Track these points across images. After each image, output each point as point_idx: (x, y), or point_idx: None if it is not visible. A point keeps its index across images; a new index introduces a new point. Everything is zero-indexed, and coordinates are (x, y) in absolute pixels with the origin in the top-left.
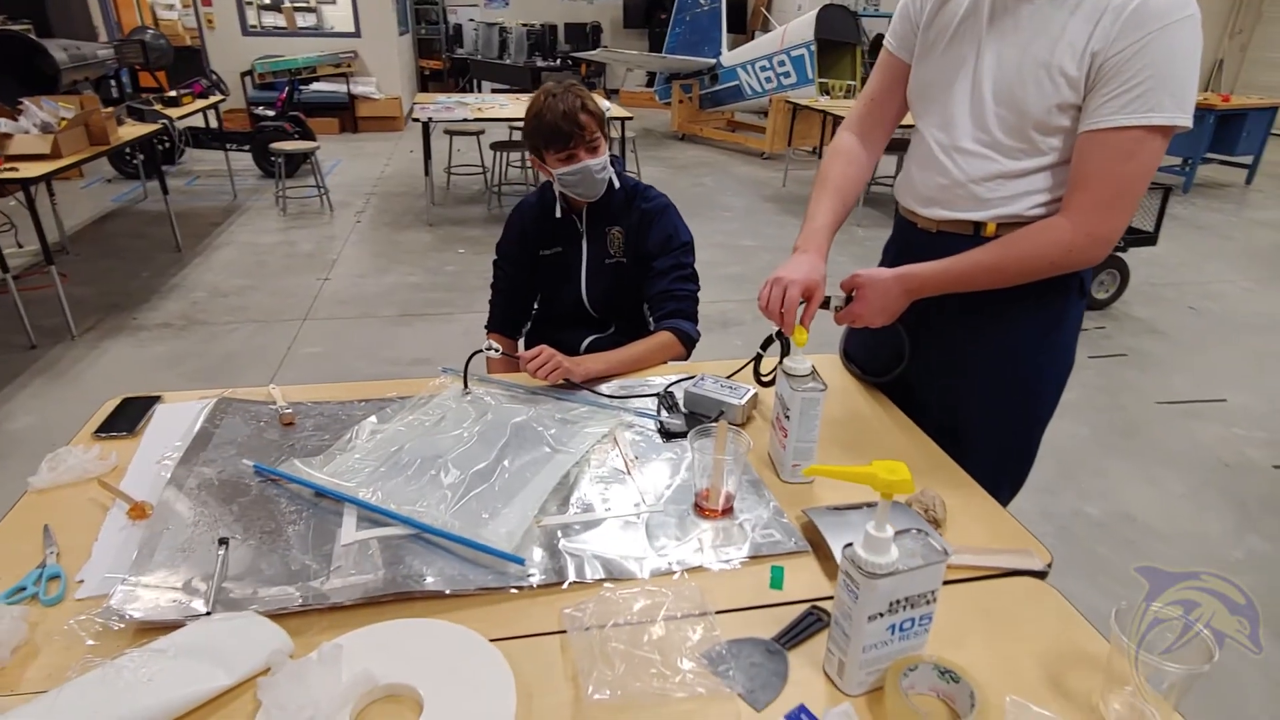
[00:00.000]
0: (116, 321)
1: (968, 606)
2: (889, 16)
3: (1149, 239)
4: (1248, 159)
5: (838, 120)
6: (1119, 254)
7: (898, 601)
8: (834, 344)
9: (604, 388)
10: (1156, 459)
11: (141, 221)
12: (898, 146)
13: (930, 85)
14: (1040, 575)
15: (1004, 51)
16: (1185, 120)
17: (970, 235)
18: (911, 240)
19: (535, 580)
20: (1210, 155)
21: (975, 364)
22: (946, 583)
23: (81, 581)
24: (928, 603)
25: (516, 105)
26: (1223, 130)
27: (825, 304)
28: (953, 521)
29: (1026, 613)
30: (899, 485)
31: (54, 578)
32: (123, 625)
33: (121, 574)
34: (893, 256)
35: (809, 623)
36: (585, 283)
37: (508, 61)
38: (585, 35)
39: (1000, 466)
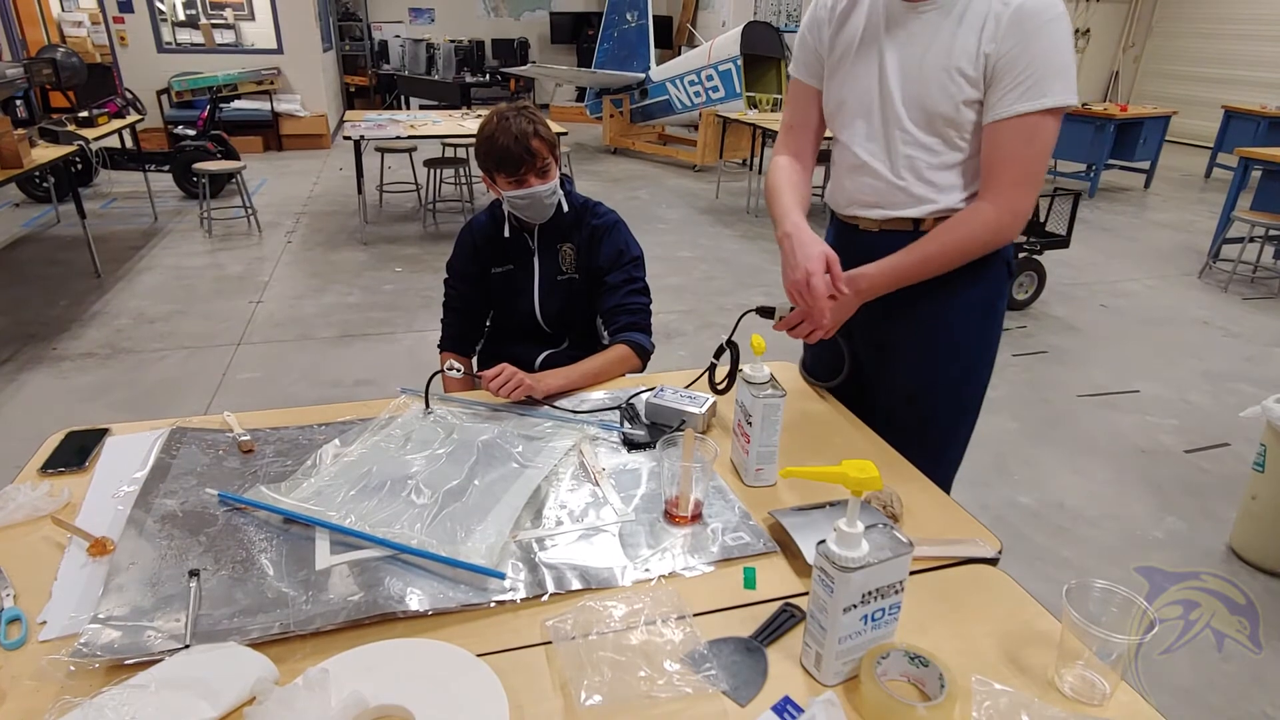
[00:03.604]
0: (35, 352)
1: (929, 595)
2: None
3: (1062, 242)
4: (1145, 164)
5: (767, 133)
6: (1036, 256)
7: (869, 593)
8: (788, 352)
9: (565, 402)
10: (1081, 448)
11: (56, 247)
12: (821, 158)
13: (846, 102)
14: (992, 562)
15: (905, 62)
16: (1072, 98)
17: (910, 231)
18: (855, 242)
19: (517, 594)
20: (1112, 161)
21: (930, 340)
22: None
23: (44, 623)
24: (896, 592)
25: (450, 122)
26: (1122, 138)
27: (769, 314)
28: (908, 515)
29: (982, 597)
30: (868, 483)
31: (14, 620)
32: (97, 664)
33: (88, 612)
34: (846, 259)
35: (784, 619)
36: (538, 299)
37: (436, 77)
38: (513, 51)
39: (957, 432)
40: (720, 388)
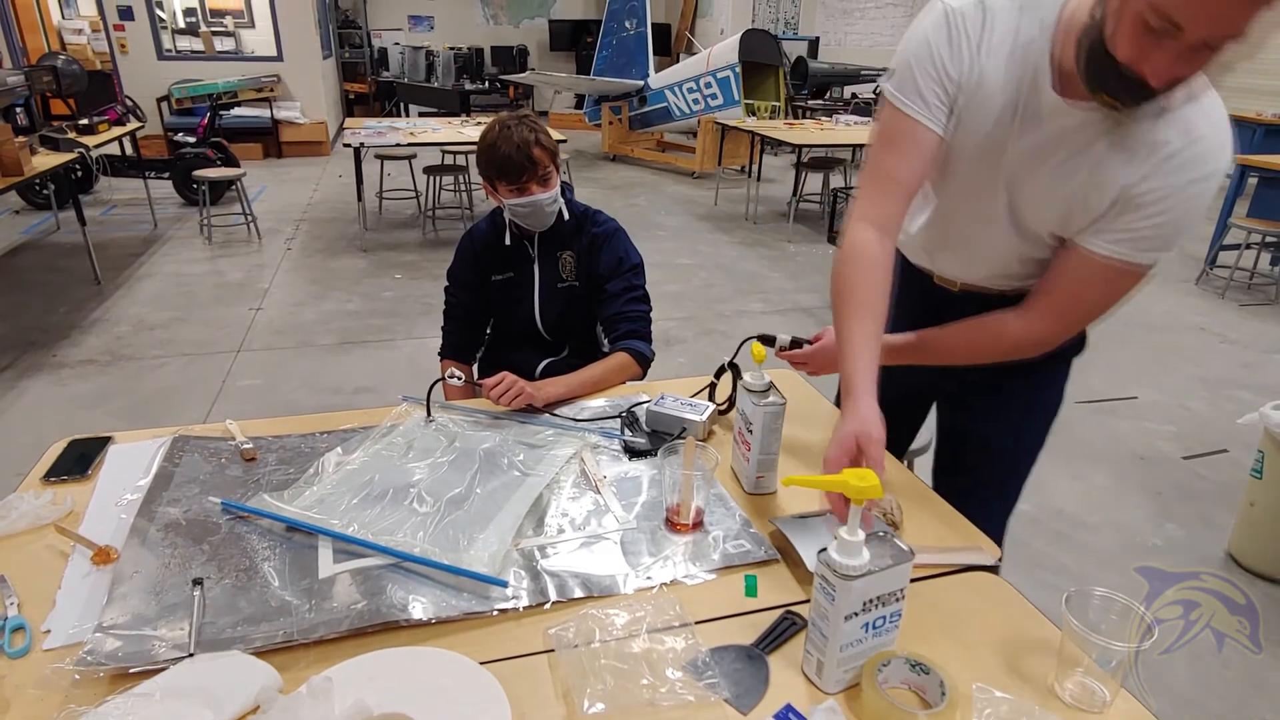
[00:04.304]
0: (35, 359)
1: (929, 602)
2: (807, 39)
3: None
4: None
5: (765, 140)
6: None
7: (870, 601)
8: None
9: (565, 410)
10: (1080, 455)
11: (55, 254)
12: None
13: (955, 174)
14: (992, 569)
15: (1031, 164)
16: (1163, 257)
17: (996, 296)
18: (931, 294)
19: (520, 602)
20: None
21: (1024, 405)
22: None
23: (48, 631)
24: (897, 600)
25: (449, 129)
26: None
27: (770, 342)
28: (908, 522)
29: (982, 605)
30: (869, 491)
31: (18, 629)
32: (101, 673)
33: (91, 621)
34: (915, 306)
35: (785, 627)
36: (539, 307)
37: (435, 85)
38: (512, 58)
39: (1009, 483)
40: (721, 409)
